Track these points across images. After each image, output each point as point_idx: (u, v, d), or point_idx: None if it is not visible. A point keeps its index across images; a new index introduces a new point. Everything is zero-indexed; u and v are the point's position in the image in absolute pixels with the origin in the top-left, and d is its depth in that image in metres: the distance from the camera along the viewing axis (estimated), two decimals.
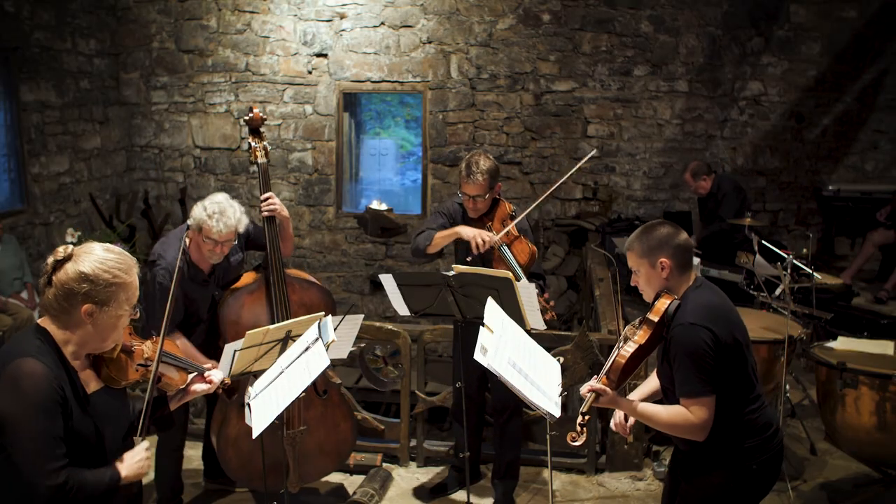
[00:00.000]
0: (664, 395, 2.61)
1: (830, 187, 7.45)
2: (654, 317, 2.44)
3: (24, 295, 5.79)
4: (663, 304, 2.46)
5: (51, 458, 1.92)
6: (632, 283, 2.62)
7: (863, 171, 7.60)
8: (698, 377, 2.36)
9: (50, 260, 2.02)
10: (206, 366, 2.52)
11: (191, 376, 2.45)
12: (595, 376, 2.48)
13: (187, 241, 3.60)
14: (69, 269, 1.99)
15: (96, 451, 2.07)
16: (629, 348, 2.43)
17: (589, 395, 2.41)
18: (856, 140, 7.57)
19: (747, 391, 2.51)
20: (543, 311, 3.50)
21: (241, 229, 3.55)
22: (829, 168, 7.64)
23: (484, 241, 3.63)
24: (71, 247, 2.05)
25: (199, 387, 2.43)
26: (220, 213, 3.44)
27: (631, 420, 2.65)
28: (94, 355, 2.14)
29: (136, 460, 2.13)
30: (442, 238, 3.80)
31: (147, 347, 2.28)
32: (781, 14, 7.38)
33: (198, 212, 3.49)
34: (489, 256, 3.74)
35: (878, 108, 7.47)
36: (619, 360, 2.43)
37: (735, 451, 2.49)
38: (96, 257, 2.02)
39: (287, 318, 3.58)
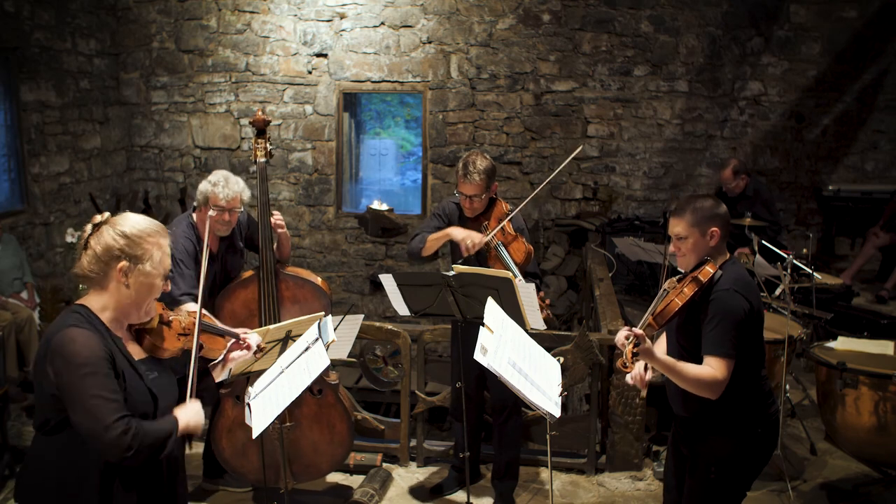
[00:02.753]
0: (679, 358, 2.69)
1: (830, 187, 7.45)
2: (702, 277, 2.60)
3: (24, 295, 5.79)
4: (710, 270, 2.62)
5: (109, 411, 1.97)
6: (671, 250, 2.76)
7: (863, 171, 7.60)
8: (731, 339, 2.52)
9: (88, 226, 2.14)
10: (238, 331, 2.55)
11: (229, 343, 2.49)
12: (627, 328, 2.55)
13: (195, 217, 3.76)
14: (105, 230, 2.10)
15: (153, 416, 2.13)
16: (681, 299, 2.57)
17: (629, 339, 2.48)
18: (856, 140, 7.57)
19: (761, 359, 2.70)
20: (539, 310, 3.50)
21: (246, 197, 3.71)
22: (829, 168, 7.64)
23: (474, 243, 3.65)
24: (108, 213, 2.17)
25: (238, 353, 2.48)
26: (225, 180, 3.64)
27: (649, 374, 2.72)
28: (136, 329, 2.20)
29: (194, 410, 2.19)
30: (434, 240, 3.83)
31: (183, 318, 2.34)
32: (781, 14, 7.38)
33: (202, 186, 3.67)
34: (485, 256, 3.74)
35: (878, 108, 7.47)
36: (674, 305, 2.57)
37: (745, 415, 2.64)
38: (132, 220, 2.15)
39: (276, 314, 3.68)
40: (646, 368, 2.71)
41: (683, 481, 2.80)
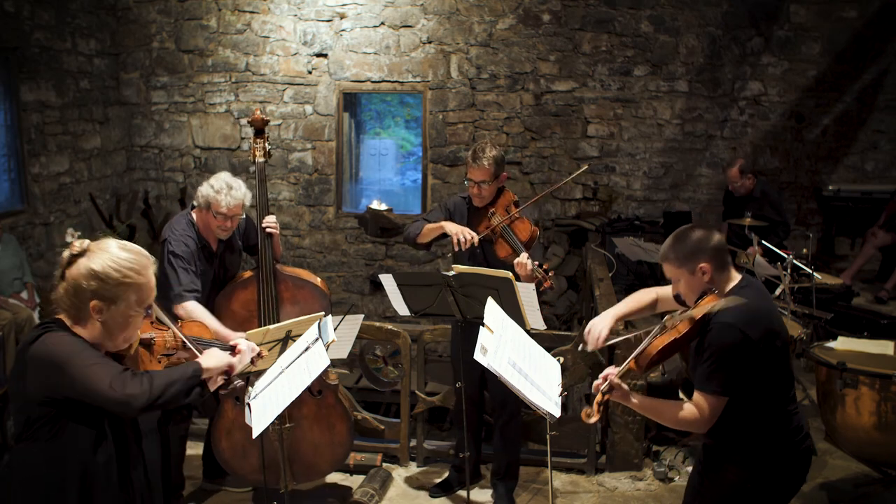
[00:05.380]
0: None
1: (830, 187, 7.45)
2: (697, 314, 2.43)
3: (24, 295, 5.79)
4: (709, 303, 2.44)
5: (111, 370, 1.94)
6: (672, 294, 2.61)
7: (863, 171, 7.60)
8: (720, 376, 2.39)
9: (65, 254, 2.03)
10: (231, 342, 2.51)
11: None
12: (611, 367, 2.48)
13: (194, 216, 3.73)
14: (81, 265, 2.00)
15: (133, 429, 2.10)
16: (666, 338, 2.44)
17: (604, 385, 2.41)
18: (856, 140, 7.57)
19: (786, 392, 2.53)
20: (542, 280, 3.50)
21: (248, 203, 3.68)
22: (829, 168, 7.64)
23: (466, 239, 3.65)
24: (87, 241, 2.05)
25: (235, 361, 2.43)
26: (228, 187, 3.59)
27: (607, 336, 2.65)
28: (112, 353, 2.13)
29: (217, 353, 2.15)
30: (430, 230, 3.84)
31: (170, 336, 2.27)
32: (781, 14, 7.38)
33: (205, 189, 3.62)
34: (491, 241, 3.74)
35: (878, 108, 7.47)
36: (654, 348, 2.44)
37: (764, 450, 2.49)
38: (109, 255, 2.02)
39: (275, 315, 3.67)
40: (611, 332, 2.67)
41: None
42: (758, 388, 2.44)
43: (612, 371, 2.45)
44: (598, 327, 2.68)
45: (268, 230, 3.78)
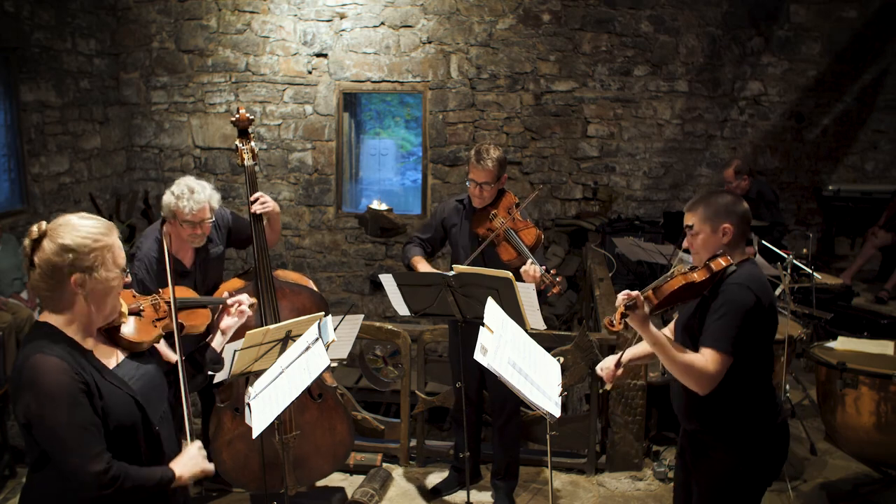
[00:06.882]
0: None
1: (830, 187, 7.45)
2: (714, 266, 2.48)
3: (24, 295, 5.79)
4: (725, 262, 2.50)
5: (87, 444, 1.88)
6: (684, 245, 2.66)
7: (863, 171, 7.61)
8: (732, 334, 2.42)
9: (26, 242, 1.96)
10: (225, 297, 2.46)
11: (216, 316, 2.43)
12: (627, 292, 2.48)
13: (164, 230, 3.55)
14: (47, 245, 1.93)
15: (143, 423, 2.04)
16: (683, 280, 2.46)
17: (624, 299, 2.42)
18: (856, 140, 7.57)
19: (769, 367, 2.60)
20: (551, 286, 3.49)
21: (215, 205, 3.50)
22: (829, 168, 7.64)
23: None
24: (44, 223, 1.98)
25: (230, 320, 2.40)
26: (189, 191, 3.40)
27: (620, 371, 2.69)
28: (107, 328, 2.08)
29: (192, 458, 2.11)
30: (416, 265, 3.86)
31: (159, 300, 2.25)
32: (781, 14, 7.38)
33: (167, 198, 3.44)
34: (492, 244, 3.74)
35: (878, 108, 7.48)
36: (674, 283, 2.46)
37: (747, 428, 2.54)
38: (73, 226, 1.97)
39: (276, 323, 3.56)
40: (617, 366, 2.68)
41: (691, 494, 2.72)
42: (753, 356, 2.49)
43: (635, 292, 2.46)
44: (607, 364, 2.72)
45: (258, 211, 3.56)
